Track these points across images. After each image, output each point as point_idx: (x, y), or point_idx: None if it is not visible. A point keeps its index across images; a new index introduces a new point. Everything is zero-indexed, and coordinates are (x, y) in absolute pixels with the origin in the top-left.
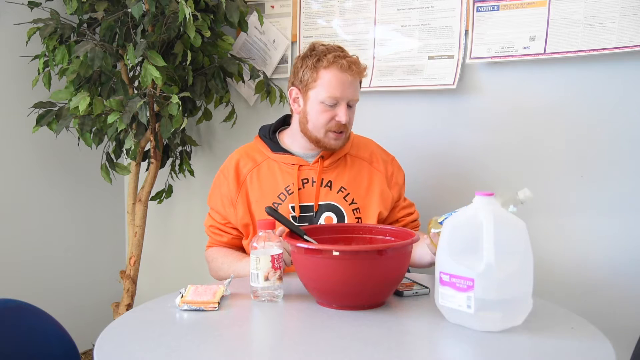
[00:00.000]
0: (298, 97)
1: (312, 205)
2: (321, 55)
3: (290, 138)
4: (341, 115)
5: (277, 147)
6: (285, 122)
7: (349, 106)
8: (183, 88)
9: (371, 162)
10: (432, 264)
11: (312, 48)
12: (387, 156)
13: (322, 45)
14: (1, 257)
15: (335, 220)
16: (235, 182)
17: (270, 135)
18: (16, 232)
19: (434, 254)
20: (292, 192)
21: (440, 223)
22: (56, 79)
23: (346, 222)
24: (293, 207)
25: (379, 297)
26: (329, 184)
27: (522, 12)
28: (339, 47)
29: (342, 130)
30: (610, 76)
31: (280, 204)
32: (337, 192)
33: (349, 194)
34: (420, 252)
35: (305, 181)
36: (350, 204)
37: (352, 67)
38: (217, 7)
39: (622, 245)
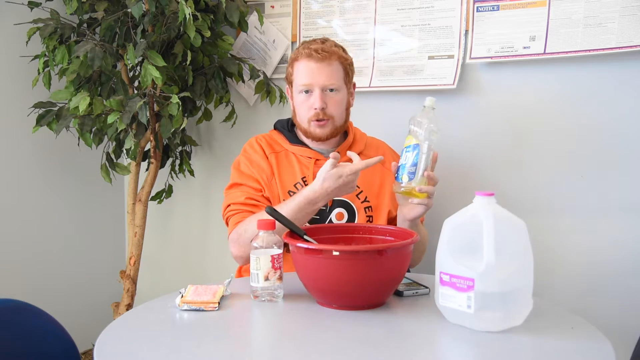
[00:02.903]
0: (290, 94)
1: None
2: (296, 50)
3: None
4: (314, 101)
5: (295, 139)
6: None
7: (331, 90)
8: (183, 88)
9: (383, 162)
10: (422, 214)
11: (300, 44)
12: (398, 158)
13: (309, 39)
14: (1, 257)
15: (346, 217)
16: (265, 161)
17: (289, 127)
18: (16, 232)
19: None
20: (308, 184)
21: (397, 179)
22: (56, 79)
23: (357, 219)
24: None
25: (379, 297)
26: None
27: (522, 12)
28: (320, 39)
29: (323, 117)
30: (610, 76)
31: (296, 193)
32: None
33: (362, 192)
34: (406, 208)
35: None
36: (362, 202)
37: (313, 54)
38: (217, 7)
39: (622, 245)
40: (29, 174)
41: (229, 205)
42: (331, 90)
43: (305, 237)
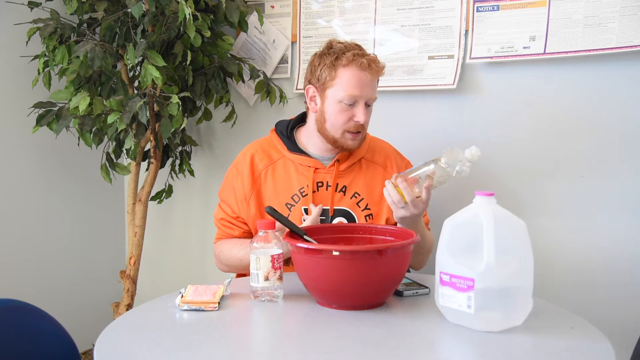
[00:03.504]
0: (315, 96)
1: (327, 209)
2: (340, 54)
3: (306, 137)
4: (359, 115)
5: (294, 147)
6: (303, 119)
7: (367, 105)
8: (183, 88)
9: (385, 167)
10: (404, 216)
11: (330, 46)
12: (401, 161)
13: (340, 42)
14: (1, 257)
15: None
16: (249, 178)
17: (288, 133)
18: (16, 232)
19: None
20: (306, 195)
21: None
22: (56, 79)
23: None
24: (306, 210)
25: (379, 297)
26: (343, 189)
27: (522, 12)
28: (357, 45)
29: (360, 130)
30: (610, 76)
31: (294, 206)
32: (351, 198)
33: (362, 199)
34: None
35: (319, 184)
36: (363, 210)
37: (372, 66)
38: (217, 7)
39: (622, 245)
40: (29, 174)
41: (214, 215)
42: (367, 105)
43: (305, 237)
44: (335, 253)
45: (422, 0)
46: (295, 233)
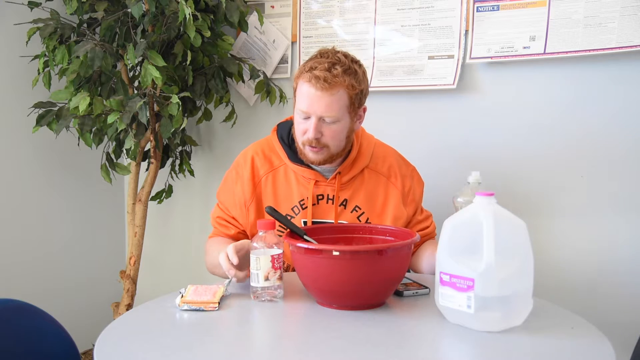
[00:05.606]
0: (294, 102)
1: (325, 222)
2: (302, 65)
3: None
4: (309, 129)
5: (295, 157)
6: None
7: (331, 122)
8: (183, 88)
9: (389, 176)
10: None
11: (314, 54)
12: (406, 169)
13: (325, 50)
14: (1, 257)
15: None
16: (250, 184)
17: (289, 140)
18: (16, 232)
19: None
20: (306, 207)
21: None
22: (56, 79)
23: None
24: (305, 223)
25: (379, 297)
26: (344, 203)
27: (522, 12)
28: (330, 60)
29: (317, 146)
30: (610, 76)
31: (293, 218)
32: (352, 212)
33: (363, 213)
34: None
35: (320, 197)
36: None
37: (313, 82)
38: (217, 7)
39: (622, 245)
40: (29, 174)
41: (211, 214)
42: (327, 121)
43: (305, 237)
44: (335, 253)
45: (422, 0)
46: (295, 233)
